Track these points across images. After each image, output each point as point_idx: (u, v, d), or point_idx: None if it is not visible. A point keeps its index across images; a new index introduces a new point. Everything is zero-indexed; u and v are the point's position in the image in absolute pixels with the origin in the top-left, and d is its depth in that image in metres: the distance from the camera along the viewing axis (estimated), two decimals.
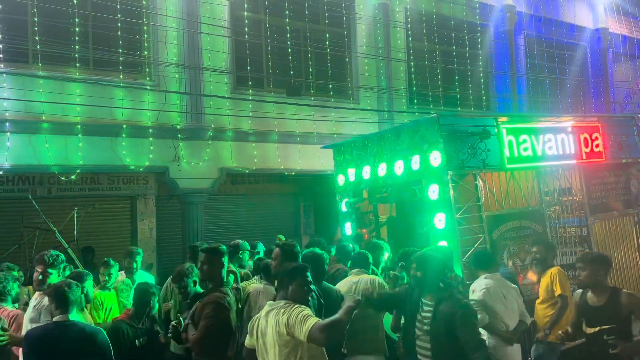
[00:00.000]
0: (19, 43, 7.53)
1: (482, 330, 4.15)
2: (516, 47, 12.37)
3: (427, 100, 11.26)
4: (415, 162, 5.50)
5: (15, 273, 4.70)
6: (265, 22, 9.70)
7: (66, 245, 7.02)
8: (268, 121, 9.20)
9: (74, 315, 3.41)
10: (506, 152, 5.65)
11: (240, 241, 6.02)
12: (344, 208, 6.64)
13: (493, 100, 12.38)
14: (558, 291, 4.69)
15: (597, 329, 3.65)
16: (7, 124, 7.29)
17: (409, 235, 5.97)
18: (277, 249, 4.05)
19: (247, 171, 9.32)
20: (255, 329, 3.18)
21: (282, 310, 3.03)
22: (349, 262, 5.11)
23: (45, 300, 3.66)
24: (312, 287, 3.30)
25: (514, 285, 4.47)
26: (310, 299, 3.23)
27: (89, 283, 4.04)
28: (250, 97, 9.17)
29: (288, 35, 9.74)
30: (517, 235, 5.60)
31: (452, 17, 11.60)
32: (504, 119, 5.81)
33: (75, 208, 7.49)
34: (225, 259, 3.89)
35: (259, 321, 3.18)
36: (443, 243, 5.19)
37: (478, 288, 4.22)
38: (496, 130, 5.62)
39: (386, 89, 10.61)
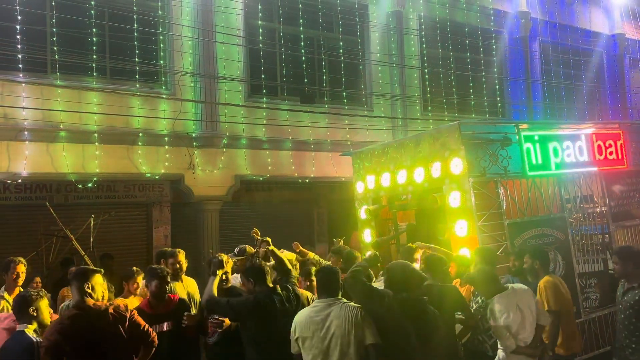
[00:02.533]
0: (38, 53, 7.61)
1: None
2: (531, 54, 12.28)
3: (441, 108, 11.19)
4: (436, 170, 5.45)
5: None
6: (280, 31, 9.72)
7: (82, 253, 7.04)
8: (282, 129, 9.20)
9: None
10: (528, 160, 5.59)
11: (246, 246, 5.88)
12: (363, 215, 6.58)
13: (508, 107, 12.29)
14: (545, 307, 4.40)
15: None
16: (26, 132, 7.36)
17: (429, 243, 5.89)
18: None
19: (261, 179, 9.31)
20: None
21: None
22: None
23: None
24: None
25: (525, 288, 4.21)
26: None
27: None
28: (264, 105, 9.19)
29: (302, 43, 9.77)
30: (540, 243, 5.52)
31: (466, 23, 11.56)
32: (525, 126, 5.76)
33: (92, 216, 7.50)
34: None
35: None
36: (464, 251, 5.12)
37: (499, 314, 3.97)
38: (517, 137, 5.57)
39: (400, 96, 10.57)
